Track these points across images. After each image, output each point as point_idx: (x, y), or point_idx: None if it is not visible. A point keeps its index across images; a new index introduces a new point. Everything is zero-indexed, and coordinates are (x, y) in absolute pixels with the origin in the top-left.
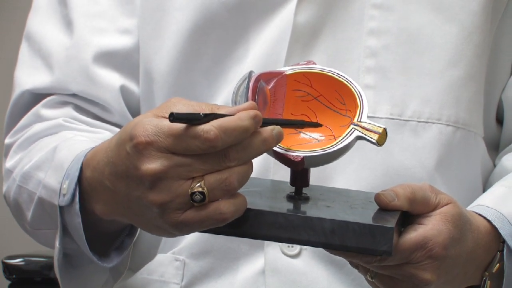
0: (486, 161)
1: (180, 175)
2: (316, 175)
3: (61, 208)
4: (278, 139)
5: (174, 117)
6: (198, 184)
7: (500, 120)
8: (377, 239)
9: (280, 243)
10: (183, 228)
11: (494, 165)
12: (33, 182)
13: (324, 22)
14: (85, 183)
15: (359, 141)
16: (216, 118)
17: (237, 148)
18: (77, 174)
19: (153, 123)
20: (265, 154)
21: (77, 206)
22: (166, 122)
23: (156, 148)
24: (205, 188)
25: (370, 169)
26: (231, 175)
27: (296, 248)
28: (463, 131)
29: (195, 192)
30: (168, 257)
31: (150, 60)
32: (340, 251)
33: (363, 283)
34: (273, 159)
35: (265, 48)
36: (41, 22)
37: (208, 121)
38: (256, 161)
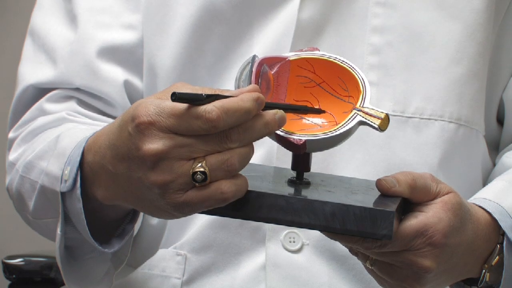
0: (486, 159)
1: (182, 156)
2: (319, 170)
3: (63, 194)
4: (281, 123)
5: (176, 97)
6: (200, 164)
7: (500, 120)
8: (377, 223)
9: (281, 238)
10: (185, 209)
11: (494, 165)
12: (36, 172)
13: (328, 19)
14: (86, 168)
15: (361, 138)
16: (218, 100)
17: (239, 129)
18: (78, 159)
19: (155, 104)
20: (269, 144)
21: (78, 191)
22: (169, 103)
23: (158, 128)
24: (207, 168)
25: (372, 165)
26: (232, 156)
27: (298, 243)
28: (465, 128)
29: (197, 172)
30: (170, 252)
31: (154, 55)
32: (340, 236)
33: (363, 278)
34: (276, 150)
35: (268, 44)
36: (45, 17)
37: (210, 102)
38: (259, 151)
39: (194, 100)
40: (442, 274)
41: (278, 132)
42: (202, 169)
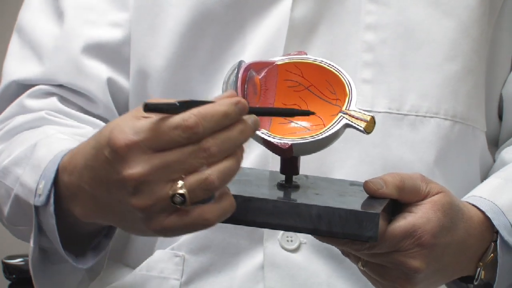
0: (486, 156)
1: (162, 177)
2: (315, 170)
3: (36, 208)
4: (255, 126)
5: (148, 107)
6: (179, 186)
7: (501, 116)
8: (363, 225)
9: (279, 238)
10: (167, 233)
11: (494, 161)
12: (11, 178)
13: (321, 17)
14: (62, 187)
15: (357, 137)
16: (188, 105)
17: (216, 141)
18: (53, 175)
19: (129, 125)
20: (263, 147)
21: (51, 207)
22: (143, 121)
23: (137, 149)
24: (185, 190)
25: (368, 163)
26: (211, 174)
27: (296, 242)
28: (461, 125)
29: (175, 194)
30: (168, 253)
31: (145, 56)
32: (328, 238)
33: (361, 277)
34: (271, 154)
35: (262, 44)
36: (33, 14)
37: (185, 111)
38: (253, 154)
39: (168, 109)
40: (434, 274)
41: (264, 136)
42: (181, 191)
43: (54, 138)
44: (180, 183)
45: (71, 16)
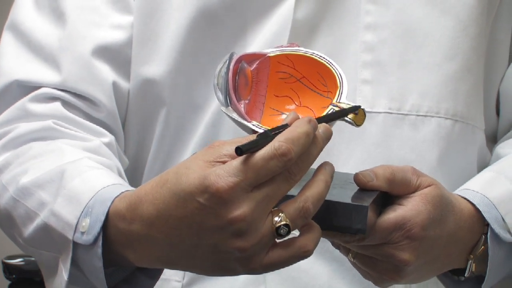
0: (484, 154)
1: (263, 211)
2: None
3: (75, 243)
4: (327, 135)
5: (241, 150)
6: (280, 218)
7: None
8: (351, 217)
9: None
10: (266, 270)
11: None
12: (34, 201)
13: (322, 18)
14: (114, 233)
15: (359, 136)
16: (269, 136)
17: (298, 161)
18: (102, 218)
19: (225, 169)
20: None
21: (99, 249)
22: (236, 162)
23: (240, 190)
24: (288, 220)
25: (370, 163)
26: (306, 202)
27: None
28: (461, 124)
29: (280, 226)
30: None
31: (148, 60)
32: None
33: (363, 279)
34: None
35: (263, 45)
36: (28, 13)
37: (268, 141)
38: None
39: (257, 145)
40: (424, 266)
41: (255, 129)
42: (284, 222)
43: (84, 166)
44: (280, 214)
45: (74, 17)
